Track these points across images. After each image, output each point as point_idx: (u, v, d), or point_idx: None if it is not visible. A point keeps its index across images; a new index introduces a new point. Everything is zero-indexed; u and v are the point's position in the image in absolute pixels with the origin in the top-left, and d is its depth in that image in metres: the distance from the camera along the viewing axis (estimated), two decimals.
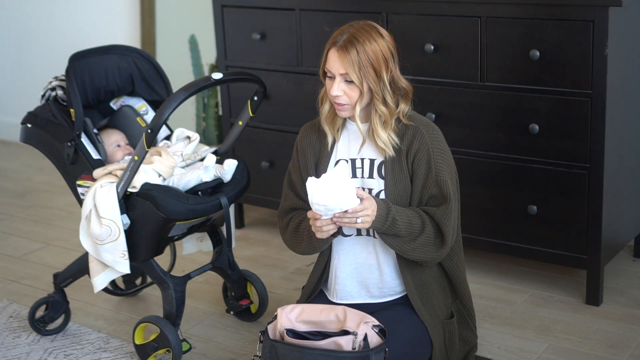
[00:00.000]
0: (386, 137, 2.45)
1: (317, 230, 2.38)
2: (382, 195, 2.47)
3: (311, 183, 2.30)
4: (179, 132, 2.96)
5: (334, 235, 2.46)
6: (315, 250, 2.54)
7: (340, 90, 2.41)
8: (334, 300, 2.58)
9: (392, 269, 2.54)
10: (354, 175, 2.51)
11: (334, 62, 2.40)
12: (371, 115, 2.45)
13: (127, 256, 2.71)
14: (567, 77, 2.90)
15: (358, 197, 2.33)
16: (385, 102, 2.43)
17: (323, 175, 2.31)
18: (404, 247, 2.43)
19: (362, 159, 2.50)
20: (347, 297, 2.57)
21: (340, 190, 2.28)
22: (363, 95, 2.41)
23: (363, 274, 2.55)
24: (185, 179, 2.76)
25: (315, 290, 2.63)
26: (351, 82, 2.40)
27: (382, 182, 2.47)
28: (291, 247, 2.61)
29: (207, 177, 2.77)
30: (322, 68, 2.46)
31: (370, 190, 2.48)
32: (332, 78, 2.43)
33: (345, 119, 2.53)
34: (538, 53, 2.92)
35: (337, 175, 2.30)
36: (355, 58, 2.37)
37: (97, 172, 2.77)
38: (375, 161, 2.49)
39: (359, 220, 2.33)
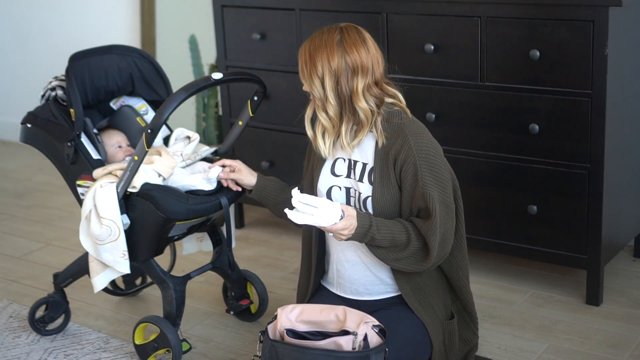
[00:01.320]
0: (324, 147, 2.47)
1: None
2: (369, 202, 2.45)
3: (296, 194, 2.32)
4: (178, 132, 2.96)
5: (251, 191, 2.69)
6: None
7: (307, 88, 2.45)
8: (338, 293, 2.59)
9: (388, 268, 2.53)
10: (349, 175, 2.50)
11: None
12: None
13: (127, 256, 2.71)
14: (567, 77, 2.90)
15: (342, 212, 2.34)
16: (326, 112, 2.43)
17: (312, 198, 2.33)
18: (386, 257, 2.43)
19: (356, 162, 2.49)
20: (346, 292, 2.58)
21: (320, 212, 2.31)
22: (313, 101, 2.44)
23: (358, 272, 2.55)
24: (186, 182, 2.76)
25: (308, 285, 2.64)
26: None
27: (370, 188, 2.47)
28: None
29: (210, 187, 2.78)
30: None
31: (359, 195, 2.48)
32: None
33: None
34: (538, 53, 2.92)
35: (325, 201, 2.33)
36: (302, 60, 2.42)
37: (97, 172, 2.77)
38: (367, 166, 2.47)
39: (330, 235, 2.39)
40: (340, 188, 2.51)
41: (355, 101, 2.40)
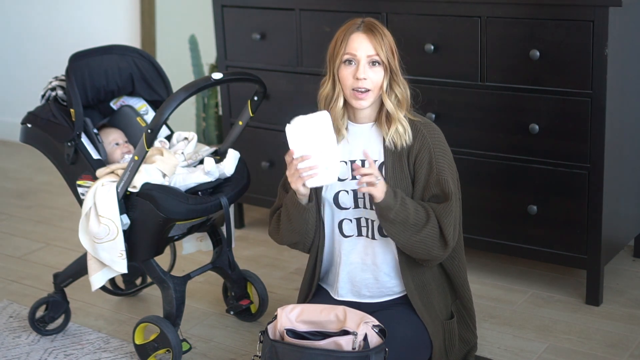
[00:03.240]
0: (404, 119, 2.45)
1: (292, 179, 2.36)
2: None
3: (292, 123, 2.33)
4: (177, 135, 2.97)
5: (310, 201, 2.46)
6: (293, 226, 2.50)
7: (366, 74, 2.41)
8: (336, 298, 2.59)
9: (391, 270, 2.54)
10: (354, 178, 2.50)
11: (361, 43, 2.41)
12: (384, 102, 2.45)
13: (124, 256, 2.71)
14: (567, 77, 2.90)
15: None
16: (399, 85, 2.46)
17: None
18: (411, 238, 2.39)
19: (363, 161, 2.50)
20: (347, 295, 2.58)
21: (319, 128, 2.32)
22: (387, 76, 2.43)
23: (362, 273, 2.55)
24: (188, 181, 2.76)
25: (310, 290, 2.64)
26: (376, 64, 2.42)
27: None
28: (274, 235, 2.61)
29: (210, 179, 2.78)
30: (340, 57, 2.44)
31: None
32: (352, 65, 2.43)
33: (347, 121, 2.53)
34: (538, 53, 2.92)
35: (316, 117, 2.34)
36: (380, 39, 2.41)
37: (100, 172, 2.77)
38: (376, 162, 2.48)
39: (376, 182, 2.30)
40: (347, 192, 2.51)
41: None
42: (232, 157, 2.83)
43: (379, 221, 2.41)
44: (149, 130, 2.57)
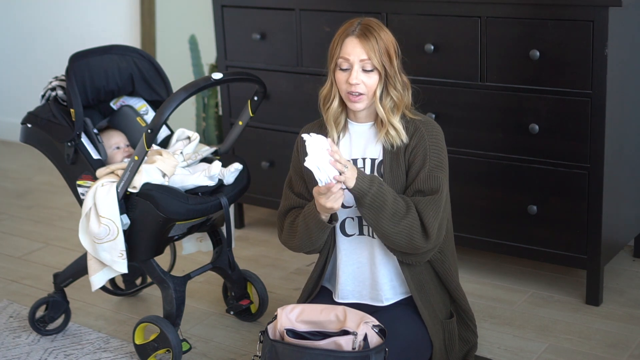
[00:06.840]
0: (398, 124, 2.46)
1: (326, 199, 2.33)
2: None
3: (311, 138, 2.30)
4: (179, 132, 2.96)
5: (331, 222, 2.43)
6: (312, 240, 2.48)
7: (358, 79, 2.42)
8: (335, 300, 2.59)
9: (389, 272, 2.53)
10: None
11: (354, 48, 2.41)
12: (380, 105, 2.45)
13: (125, 256, 2.71)
14: (567, 77, 2.90)
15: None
16: (396, 88, 2.45)
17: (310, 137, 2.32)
18: (390, 228, 2.38)
19: (364, 159, 2.50)
20: (347, 297, 2.58)
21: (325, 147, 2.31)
22: (382, 81, 2.43)
23: (362, 275, 2.55)
24: (188, 182, 2.76)
25: (315, 289, 2.64)
26: (369, 70, 2.42)
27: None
28: (287, 243, 2.58)
29: (211, 183, 2.78)
30: (335, 60, 2.45)
31: None
32: (346, 69, 2.43)
33: (346, 120, 2.53)
34: (538, 53, 2.92)
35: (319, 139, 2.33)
36: (374, 44, 2.41)
37: (100, 172, 2.78)
38: (376, 160, 2.49)
39: (344, 170, 2.31)
40: None
41: (402, 73, 2.48)
42: (234, 169, 2.82)
43: (359, 210, 2.40)
44: (149, 130, 2.57)
